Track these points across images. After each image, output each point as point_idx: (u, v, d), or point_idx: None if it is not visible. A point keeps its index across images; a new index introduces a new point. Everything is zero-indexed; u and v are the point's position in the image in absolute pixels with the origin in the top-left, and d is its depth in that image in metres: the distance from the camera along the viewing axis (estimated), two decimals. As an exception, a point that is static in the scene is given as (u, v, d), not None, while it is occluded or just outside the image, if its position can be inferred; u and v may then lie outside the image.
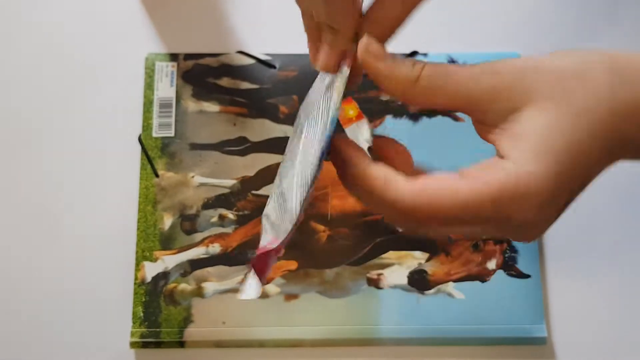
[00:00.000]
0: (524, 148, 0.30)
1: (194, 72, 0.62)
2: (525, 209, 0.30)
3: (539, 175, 0.30)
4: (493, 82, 0.31)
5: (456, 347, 0.56)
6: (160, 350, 0.56)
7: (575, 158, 0.30)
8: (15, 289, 0.58)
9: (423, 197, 0.31)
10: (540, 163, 0.30)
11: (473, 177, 0.31)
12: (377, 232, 0.58)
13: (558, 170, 0.30)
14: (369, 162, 0.32)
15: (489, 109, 0.31)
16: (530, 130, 0.30)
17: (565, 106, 0.30)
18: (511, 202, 0.30)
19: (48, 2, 0.65)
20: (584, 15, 0.65)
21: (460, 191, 0.30)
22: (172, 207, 0.59)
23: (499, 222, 0.31)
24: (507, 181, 0.30)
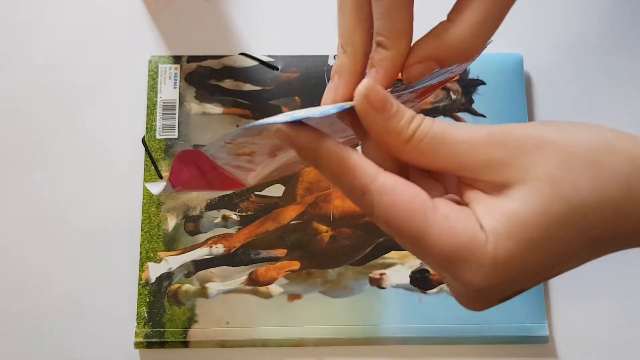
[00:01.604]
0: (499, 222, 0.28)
1: (197, 74, 0.63)
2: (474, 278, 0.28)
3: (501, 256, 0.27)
4: (490, 155, 0.28)
5: (458, 346, 0.56)
6: (165, 350, 0.56)
7: (550, 255, 0.28)
8: (20, 289, 0.58)
9: (390, 195, 0.28)
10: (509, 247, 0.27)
11: (444, 216, 0.28)
12: (380, 232, 0.58)
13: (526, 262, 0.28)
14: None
15: (480, 179, 0.29)
16: (514, 209, 0.27)
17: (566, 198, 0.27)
18: (464, 264, 0.28)
19: (52, 5, 0.65)
20: (585, 16, 0.65)
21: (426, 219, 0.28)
22: (175, 208, 0.59)
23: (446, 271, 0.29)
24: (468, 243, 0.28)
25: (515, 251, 0.27)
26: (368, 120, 0.29)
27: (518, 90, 0.62)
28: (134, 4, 0.65)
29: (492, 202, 0.28)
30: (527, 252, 0.27)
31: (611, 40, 0.64)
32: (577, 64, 0.64)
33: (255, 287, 0.57)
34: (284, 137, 0.29)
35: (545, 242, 0.27)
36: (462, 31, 0.31)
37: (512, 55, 0.63)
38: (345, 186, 0.29)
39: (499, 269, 0.28)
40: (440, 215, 0.28)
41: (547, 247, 0.27)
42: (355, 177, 0.29)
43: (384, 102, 0.29)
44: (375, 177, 0.29)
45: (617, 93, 0.63)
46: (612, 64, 0.64)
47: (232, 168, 0.34)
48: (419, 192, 0.29)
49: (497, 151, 0.28)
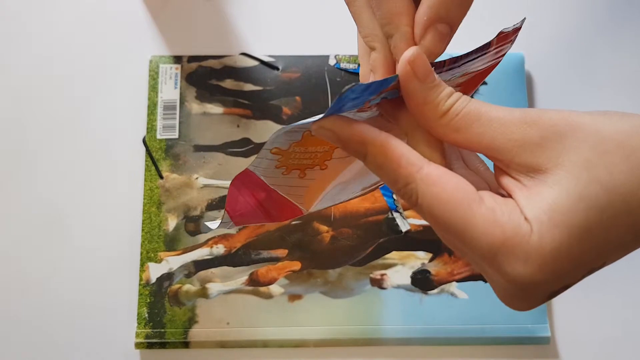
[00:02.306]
0: (541, 211, 0.27)
1: (197, 74, 0.62)
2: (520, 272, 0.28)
3: (546, 247, 0.27)
4: (523, 135, 0.28)
5: (459, 346, 0.56)
6: (165, 351, 0.56)
7: (593, 244, 0.27)
8: (20, 290, 0.58)
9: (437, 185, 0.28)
10: (553, 236, 0.27)
11: (489, 209, 0.28)
12: (380, 233, 0.58)
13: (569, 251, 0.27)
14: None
15: (513, 161, 0.29)
16: (553, 196, 0.27)
17: (601, 181, 0.27)
18: (509, 258, 0.28)
19: (52, 5, 0.65)
20: (586, 15, 0.65)
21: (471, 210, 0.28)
22: (176, 208, 0.59)
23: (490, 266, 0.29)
24: (516, 237, 0.27)
25: (561, 240, 0.27)
26: (409, 88, 0.29)
27: (519, 89, 0.62)
28: (135, 4, 0.65)
29: (532, 191, 0.28)
30: (572, 240, 0.27)
31: (612, 39, 0.64)
32: (578, 63, 0.64)
33: (256, 287, 0.57)
34: (328, 132, 0.29)
35: (587, 228, 0.27)
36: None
37: (513, 55, 0.63)
38: (390, 175, 0.29)
39: (545, 259, 0.27)
40: (486, 207, 0.28)
41: (590, 234, 0.27)
42: (400, 166, 0.29)
43: (427, 71, 0.29)
44: (421, 167, 0.29)
45: (618, 92, 0.63)
46: (613, 63, 0.63)
47: (286, 190, 0.32)
48: (465, 183, 0.28)
49: (530, 132, 0.28)
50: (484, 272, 0.30)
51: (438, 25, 0.31)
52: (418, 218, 0.59)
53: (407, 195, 0.29)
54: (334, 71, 0.62)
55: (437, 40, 0.31)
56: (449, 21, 0.31)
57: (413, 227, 0.58)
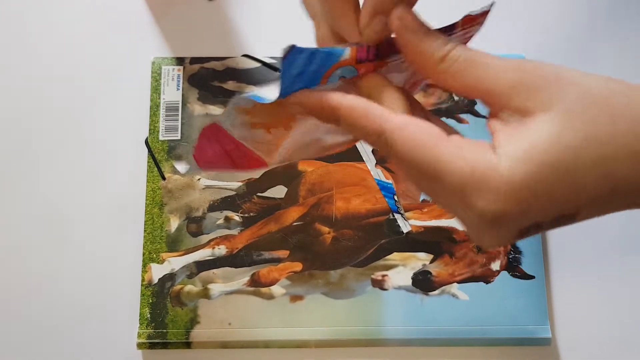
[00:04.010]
0: (517, 149, 0.29)
1: (199, 76, 0.63)
2: (487, 199, 0.28)
3: (516, 177, 0.28)
4: (517, 79, 0.30)
5: (460, 348, 0.56)
6: (167, 351, 0.56)
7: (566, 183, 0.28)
8: (23, 290, 0.58)
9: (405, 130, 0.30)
10: (524, 168, 0.28)
11: (457, 144, 0.30)
12: (382, 234, 0.58)
13: (539, 184, 0.28)
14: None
15: (507, 104, 0.30)
16: (533, 136, 0.28)
17: (581, 129, 0.28)
18: (477, 187, 0.29)
19: (55, 7, 0.66)
20: (587, 17, 0.65)
21: (439, 147, 0.29)
22: (178, 209, 0.59)
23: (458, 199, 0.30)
24: (481, 166, 0.29)
25: (531, 173, 0.28)
26: (405, 39, 0.31)
27: (521, 91, 0.62)
28: (137, 6, 0.65)
29: (514, 130, 0.29)
30: (542, 176, 0.28)
31: (612, 40, 0.64)
32: (578, 64, 0.63)
33: (258, 288, 0.57)
34: (296, 106, 0.32)
35: (560, 168, 0.28)
36: None
37: (514, 56, 0.63)
38: (362, 131, 0.31)
39: (514, 190, 0.28)
40: (454, 144, 0.29)
41: (562, 173, 0.28)
42: (369, 120, 0.30)
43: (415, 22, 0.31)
44: (387, 118, 0.30)
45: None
46: (613, 64, 0.63)
47: (252, 144, 0.34)
48: (430, 126, 0.30)
49: (526, 78, 0.30)
50: (456, 212, 0.31)
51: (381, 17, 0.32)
52: (419, 219, 0.59)
53: (382, 146, 0.31)
54: (336, 73, 0.63)
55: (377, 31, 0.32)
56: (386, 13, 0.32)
57: (414, 229, 0.58)
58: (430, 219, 0.59)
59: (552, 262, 0.59)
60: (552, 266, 0.59)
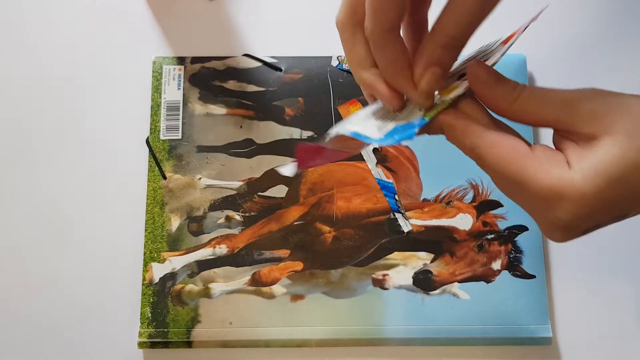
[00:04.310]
0: (588, 165, 0.34)
1: (200, 75, 0.63)
2: (564, 210, 0.34)
3: (589, 191, 0.34)
4: (582, 110, 0.35)
5: (461, 347, 0.56)
6: (168, 350, 0.56)
7: (626, 192, 0.34)
8: (24, 290, 0.58)
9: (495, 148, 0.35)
10: (595, 182, 0.34)
11: (539, 160, 0.35)
12: (382, 233, 0.58)
13: (606, 195, 0.34)
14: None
15: (574, 130, 0.35)
16: (600, 154, 0.34)
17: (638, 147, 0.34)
18: (556, 199, 0.34)
19: (55, 7, 0.66)
20: (588, 16, 0.65)
21: (525, 162, 0.35)
22: (179, 208, 0.59)
23: (539, 207, 0.35)
24: (562, 181, 0.34)
25: (601, 185, 0.34)
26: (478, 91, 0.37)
27: (521, 91, 0.62)
28: (138, 5, 0.65)
29: (583, 150, 0.35)
30: (609, 186, 0.34)
31: (614, 40, 0.64)
32: (580, 64, 0.64)
33: (259, 287, 0.57)
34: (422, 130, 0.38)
35: (623, 180, 0.34)
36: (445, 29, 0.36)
37: (516, 56, 0.63)
38: (461, 143, 0.36)
39: (586, 202, 0.34)
40: (537, 157, 0.35)
41: (625, 184, 0.34)
42: (466, 137, 0.36)
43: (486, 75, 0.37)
44: (481, 134, 0.36)
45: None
46: (616, 64, 0.63)
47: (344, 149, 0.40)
48: (518, 141, 0.36)
49: (589, 107, 0.35)
50: (536, 215, 0.36)
51: (434, 68, 0.37)
52: (420, 219, 0.59)
53: (475, 157, 0.36)
54: (337, 72, 0.63)
55: (432, 81, 0.37)
56: (443, 65, 0.37)
57: (415, 228, 0.58)
58: (431, 218, 0.59)
59: (553, 262, 0.59)
60: (552, 266, 0.59)
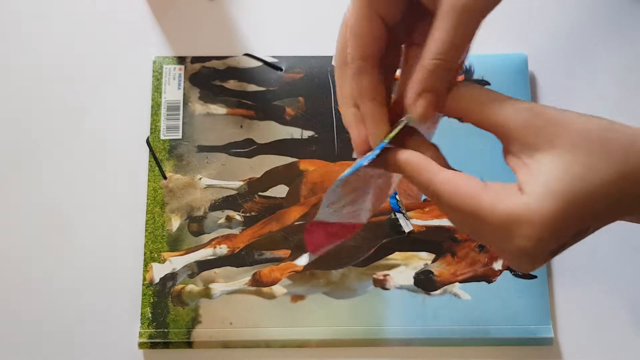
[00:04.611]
0: (538, 186, 0.34)
1: (201, 75, 0.63)
2: (525, 236, 0.34)
3: (544, 211, 0.34)
4: (529, 119, 0.35)
5: (462, 347, 0.56)
6: (168, 351, 0.56)
7: (579, 208, 0.34)
8: (24, 290, 0.58)
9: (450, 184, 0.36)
10: (549, 202, 0.34)
11: (494, 192, 0.35)
12: (383, 233, 0.58)
13: (562, 213, 0.34)
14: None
15: (518, 140, 0.36)
16: (546, 171, 0.34)
17: (582, 161, 0.34)
18: (515, 226, 0.34)
19: (56, 7, 0.66)
20: (589, 17, 0.65)
21: (480, 196, 0.35)
22: (179, 208, 0.59)
23: (501, 238, 0.35)
24: (517, 208, 0.34)
25: (556, 205, 0.34)
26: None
27: (523, 90, 0.62)
28: (138, 5, 0.65)
29: (531, 168, 0.35)
30: (563, 204, 0.34)
31: (615, 40, 0.64)
32: (581, 63, 0.64)
33: (259, 287, 0.57)
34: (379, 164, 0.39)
35: (574, 194, 0.34)
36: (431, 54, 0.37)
37: (517, 55, 0.63)
38: (416, 181, 0.37)
39: (544, 222, 0.34)
40: (491, 190, 0.35)
41: (576, 199, 0.34)
42: (421, 174, 0.37)
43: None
44: (437, 172, 0.36)
45: (622, 92, 0.63)
46: (617, 64, 0.63)
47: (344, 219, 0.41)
48: (471, 178, 0.36)
49: (535, 119, 0.35)
50: (498, 247, 0.36)
51: (427, 95, 0.37)
52: (421, 219, 0.59)
53: (430, 196, 0.37)
54: (337, 72, 0.62)
55: (425, 107, 0.37)
56: (435, 91, 0.37)
57: (416, 228, 0.58)
58: (431, 218, 0.58)
59: (554, 262, 0.58)
60: (554, 266, 0.58)
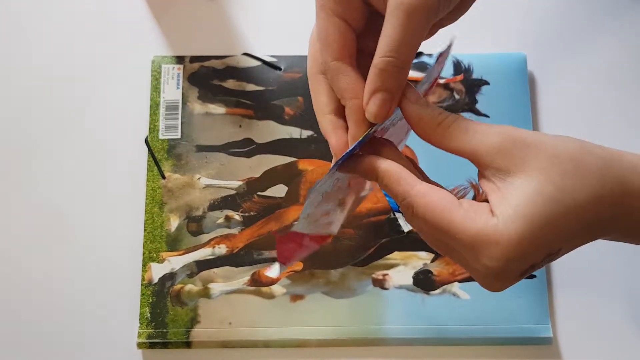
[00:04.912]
0: (508, 208, 0.35)
1: (199, 75, 0.63)
2: (493, 256, 0.35)
3: (512, 233, 0.34)
4: (499, 143, 0.36)
5: (461, 347, 0.56)
6: (167, 351, 0.56)
7: (549, 230, 0.34)
8: (22, 290, 0.58)
9: (425, 198, 0.36)
10: (517, 225, 0.34)
11: (466, 209, 0.36)
12: (383, 233, 0.58)
13: (530, 235, 0.34)
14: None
15: (490, 165, 0.36)
16: (517, 194, 0.35)
17: (555, 183, 0.34)
18: (483, 246, 0.35)
19: (55, 6, 0.65)
20: (589, 17, 0.65)
21: (452, 212, 0.36)
22: (178, 208, 0.59)
23: (469, 256, 0.36)
24: (487, 228, 0.35)
25: (524, 227, 0.34)
26: (408, 111, 0.38)
27: (522, 90, 0.62)
28: (137, 5, 0.65)
29: (502, 192, 0.35)
30: (532, 227, 0.34)
31: (615, 40, 0.64)
32: (580, 63, 0.64)
33: (258, 287, 0.57)
34: (348, 170, 0.39)
35: (544, 217, 0.34)
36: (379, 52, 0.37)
37: (516, 55, 0.63)
38: (393, 192, 0.38)
39: (512, 243, 0.34)
40: (464, 209, 0.36)
41: (547, 221, 0.34)
42: (399, 185, 0.37)
43: (417, 96, 0.39)
44: (414, 185, 0.37)
45: (620, 92, 0.63)
46: (616, 64, 0.63)
47: (318, 230, 0.42)
48: (446, 194, 0.37)
49: (505, 143, 0.36)
50: (466, 264, 0.37)
51: (378, 94, 0.38)
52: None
53: (405, 207, 0.37)
54: (336, 71, 0.62)
55: (379, 105, 0.38)
56: (386, 90, 0.38)
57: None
58: (431, 218, 0.58)
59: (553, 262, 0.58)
60: (553, 265, 0.59)
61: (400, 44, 0.37)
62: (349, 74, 0.39)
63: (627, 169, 0.36)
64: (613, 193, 0.35)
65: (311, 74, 0.42)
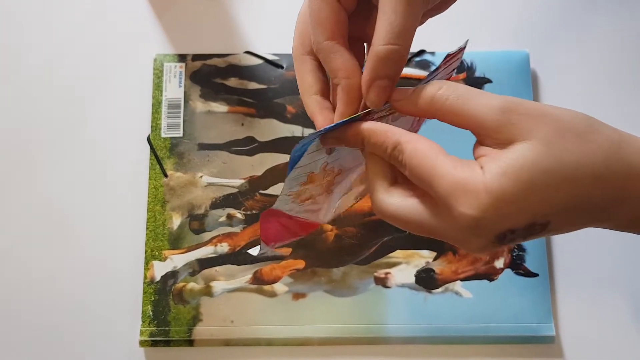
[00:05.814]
0: (498, 167, 0.34)
1: (202, 73, 0.63)
2: (470, 204, 0.34)
3: (495, 187, 0.34)
4: (504, 116, 0.35)
5: (464, 345, 0.56)
6: (169, 349, 0.56)
7: (535, 196, 0.34)
8: (25, 288, 0.58)
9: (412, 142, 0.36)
10: (502, 181, 0.34)
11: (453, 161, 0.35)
12: (385, 231, 0.58)
13: (512, 195, 0.34)
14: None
15: (493, 135, 0.35)
16: (513, 157, 0.34)
17: (555, 156, 0.34)
18: (462, 194, 0.34)
19: (57, 4, 0.66)
20: (591, 15, 0.65)
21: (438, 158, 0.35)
22: (180, 206, 0.59)
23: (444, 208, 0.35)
24: (469, 178, 0.34)
25: (507, 185, 0.34)
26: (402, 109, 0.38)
27: (524, 87, 0.61)
28: (139, 3, 0.65)
29: (497, 153, 0.35)
30: (516, 188, 0.34)
31: (617, 38, 0.64)
32: (583, 60, 0.63)
33: (260, 285, 0.57)
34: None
35: (532, 183, 0.34)
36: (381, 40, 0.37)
37: (519, 53, 0.62)
38: (382, 146, 0.37)
39: (490, 198, 0.34)
40: (450, 159, 0.35)
41: (534, 188, 0.34)
42: (388, 137, 0.37)
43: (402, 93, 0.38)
44: (404, 134, 0.37)
45: (622, 89, 0.62)
46: (618, 61, 0.63)
47: (303, 214, 0.41)
48: (436, 144, 0.36)
49: (510, 115, 0.35)
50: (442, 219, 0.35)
51: (380, 81, 0.38)
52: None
53: (396, 155, 0.37)
54: (339, 69, 0.62)
55: (380, 93, 0.38)
56: (387, 77, 0.38)
57: (417, 226, 0.58)
58: (433, 216, 0.58)
59: (556, 260, 0.58)
60: (555, 264, 0.58)
61: (402, 31, 0.37)
62: (342, 54, 0.39)
63: (636, 153, 0.35)
64: (616, 175, 0.34)
65: (297, 55, 0.42)
